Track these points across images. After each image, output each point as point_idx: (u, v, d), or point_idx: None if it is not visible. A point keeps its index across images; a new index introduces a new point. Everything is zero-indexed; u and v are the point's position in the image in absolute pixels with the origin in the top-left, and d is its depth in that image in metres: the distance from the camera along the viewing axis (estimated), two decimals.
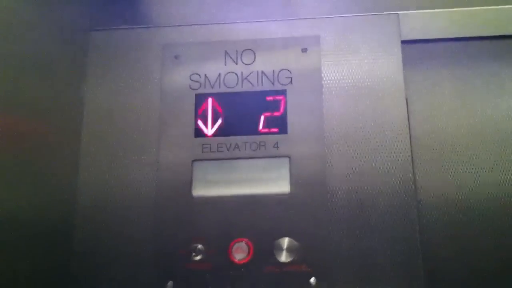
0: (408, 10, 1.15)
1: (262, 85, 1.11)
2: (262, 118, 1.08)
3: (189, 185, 1.06)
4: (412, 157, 1.04)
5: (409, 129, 1.06)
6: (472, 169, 1.06)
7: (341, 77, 1.10)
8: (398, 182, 1.03)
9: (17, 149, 0.91)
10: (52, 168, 1.02)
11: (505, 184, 1.05)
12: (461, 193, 1.05)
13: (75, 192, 1.08)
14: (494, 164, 1.06)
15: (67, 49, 1.10)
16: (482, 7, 1.15)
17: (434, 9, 1.15)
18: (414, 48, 1.14)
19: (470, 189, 1.05)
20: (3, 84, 0.87)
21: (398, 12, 1.14)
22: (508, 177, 1.05)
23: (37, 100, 0.97)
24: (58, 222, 1.03)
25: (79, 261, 1.04)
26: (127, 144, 1.10)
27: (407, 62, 1.11)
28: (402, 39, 1.12)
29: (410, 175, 1.03)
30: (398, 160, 1.04)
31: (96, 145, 1.11)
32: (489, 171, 1.06)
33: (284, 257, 0.99)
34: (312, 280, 0.98)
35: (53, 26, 1.04)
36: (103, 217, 1.06)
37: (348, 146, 1.06)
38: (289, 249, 1.00)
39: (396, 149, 1.04)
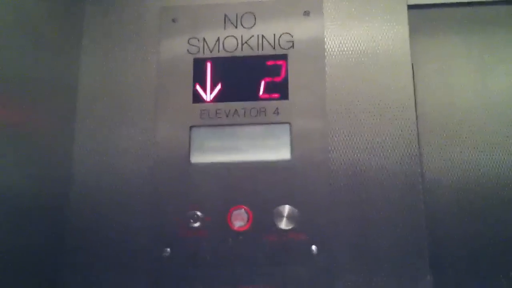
0: None
1: (262, 49, 1.07)
2: (262, 83, 1.05)
3: (187, 151, 1.03)
4: (417, 129, 1.01)
5: (415, 99, 1.02)
6: (480, 144, 1.03)
7: (345, 43, 1.07)
8: (403, 154, 1.00)
9: (11, 120, 0.88)
10: (47, 138, 0.99)
11: None
12: (467, 170, 1.02)
13: (71, 162, 1.05)
14: (505, 140, 1.03)
15: (62, 13, 1.06)
16: None
17: None
18: (422, 13, 1.09)
19: (479, 167, 1.02)
20: None
21: None
22: None
23: (29, 68, 0.93)
24: (54, 192, 1.01)
25: (76, 230, 1.03)
26: (124, 110, 1.07)
27: (414, 28, 1.07)
28: (409, 3, 1.08)
29: (416, 148, 0.99)
30: (403, 131, 1.01)
31: (91, 111, 1.08)
32: (501, 149, 1.02)
33: (284, 225, 0.97)
34: (314, 248, 0.96)
35: None
36: (99, 185, 1.04)
37: (350, 115, 1.03)
38: (289, 217, 0.97)
39: (401, 119, 1.01)
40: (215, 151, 1.03)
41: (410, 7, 1.08)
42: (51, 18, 1.02)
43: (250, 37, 1.08)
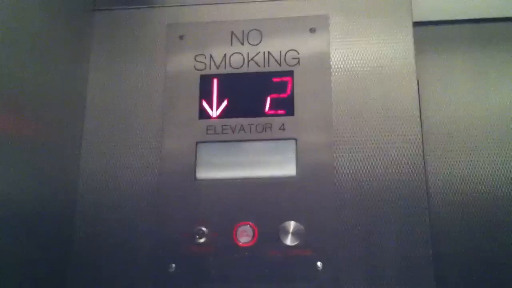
0: None
1: (268, 66, 1.08)
2: (268, 99, 1.06)
3: (193, 167, 1.03)
4: (422, 143, 1.01)
5: (420, 114, 1.02)
6: (485, 157, 1.03)
7: (350, 59, 1.07)
8: (408, 168, 1.00)
9: (19, 133, 0.89)
10: (54, 151, 1.00)
11: None
12: (472, 183, 1.02)
13: (78, 175, 1.06)
14: (509, 153, 1.03)
15: (70, 29, 1.08)
16: None
17: None
18: (427, 30, 1.10)
19: (482, 180, 1.02)
20: (3, 66, 0.85)
21: None
22: None
23: (39, 82, 0.95)
24: (60, 206, 1.01)
25: (82, 245, 1.03)
26: (131, 126, 1.08)
27: (419, 44, 1.07)
28: (414, 20, 1.08)
29: (421, 163, 0.99)
30: (408, 146, 1.01)
31: (99, 127, 1.09)
32: (503, 161, 1.02)
33: (289, 241, 0.97)
34: (319, 264, 0.96)
35: (55, 6, 1.02)
36: (106, 200, 1.05)
37: (356, 130, 1.03)
38: (295, 233, 0.97)
39: (406, 135, 1.01)
40: (221, 167, 1.04)
41: (416, 24, 1.08)
42: (60, 35, 1.03)
43: (257, 54, 1.09)
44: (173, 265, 0.99)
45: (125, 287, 1.01)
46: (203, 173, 1.04)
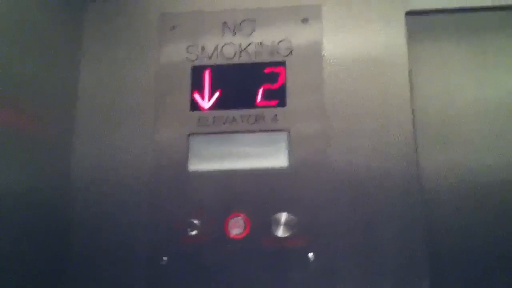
0: None
1: (261, 56, 1.07)
2: (260, 90, 1.05)
3: (185, 159, 1.03)
4: (415, 133, 1.00)
5: (412, 104, 1.02)
6: (478, 147, 1.02)
7: (343, 49, 1.07)
8: (400, 159, 0.99)
9: (11, 123, 0.88)
10: (46, 142, 0.99)
11: None
12: (465, 172, 1.01)
13: (70, 168, 1.05)
14: (502, 144, 1.02)
15: (61, 19, 1.07)
16: None
17: None
18: (419, 20, 1.09)
19: (475, 170, 1.01)
20: None
21: None
22: None
23: (30, 73, 0.94)
24: (53, 199, 1.01)
25: (75, 238, 1.03)
26: (123, 117, 1.07)
27: (412, 34, 1.07)
28: (407, 10, 1.08)
29: (413, 152, 0.99)
30: (401, 135, 1.00)
31: (91, 118, 1.08)
32: (497, 152, 1.02)
33: (281, 232, 0.97)
34: (311, 255, 0.96)
35: None
36: (98, 192, 1.04)
37: (348, 120, 1.02)
38: (287, 224, 0.97)
39: (398, 124, 1.01)
40: (213, 158, 1.03)
41: (408, 13, 1.07)
42: (52, 25, 1.02)
43: (249, 44, 1.08)
44: (165, 258, 0.99)
45: (118, 279, 1.00)
46: (195, 165, 1.03)
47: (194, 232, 0.99)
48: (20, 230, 0.89)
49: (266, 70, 1.06)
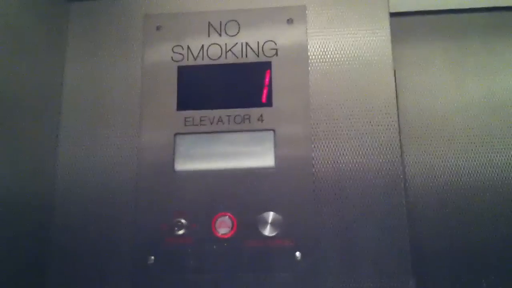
0: None
1: (246, 57, 1.08)
2: (246, 90, 1.06)
3: (171, 159, 1.03)
4: (400, 134, 1.02)
5: (397, 105, 1.03)
6: (462, 148, 1.04)
7: (328, 50, 1.08)
8: (385, 159, 1.01)
9: None
10: (31, 144, 0.99)
11: (498, 166, 1.03)
12: (449, 173, 1.03)
13: (55, 167, 1.05)
14: (486, 144, 1.04)
15: (45, 21, 1.06)
16: None
17: None
18: (404, 21, 1.11)
19: (460, 169, 1.03)
20: None
21: None
22: (500, 158, 1.03)
23: (14, 74, 0.93)
24: (38, 200, 1.01)
25: (60, 237, 1.02)
26: (108, 117, 1.07)
27: (396, 35, 1.08)
28: (391, 11, 1.09)
29: (398, 153, 1.00)
30: (386, 136, 1.02)
31: (76, 119, 1.08)
32: (480, 151, 1.03)
33: (268, 232, 0.97)
34: (297, 254, 0.96)
35: None
36: (83, 192, 1.04)
37: (334, 120, 1.03)
38: (273, 224, 0.98)
39: (383, 125, 1.02)
40: (200, 158, 1.03)
41: (392, 14, 1.09)
42: (35, 26, 1.02)
43: (234, 45, 1.09)
44: (152, 257, 0.99)
45: (105, 279, 1.00)
46: (181, 165, 1.03)
47: (181, 232, 0.99)
48: (1, 231, 0.89)
49: (252, 71, 1.06)
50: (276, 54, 1.07)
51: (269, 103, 1.04)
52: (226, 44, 1.09)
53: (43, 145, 1.03)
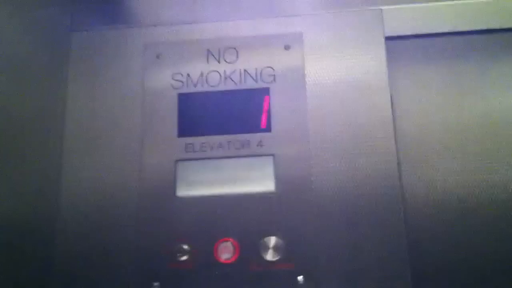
0: (392, 5, 1.14)
1: (245, 83, 1.10)
2: (245, 116, 1.07)
3: (173, 185, 1.04)
4: (397, 156, 1.03)
5: (395, 127, 1.05)
6: (460, 168, 1.05)
7: (325, 75, 1.10)
8: (384, 181, 1.02)
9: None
10: (34, 170, 1.00)
11: (494, 184, 1.04)
12: (447, 193, 1.04)
13: (58, 193, 1.06)
14: (482, 164, 1.05)
15: (47, 51, 1.09)
16: (468, 1, 1.14)
17: (418, 3, 1.14)
18: (399, 45, 1.13)
19: (457, 189, 1.04)
20: None
21: (382, 7, 1.13)
22: (497, 177, 1.04)
23: (17, 103, 0.95)
24: (40, 223, 1.02)
25: (62, 263, 1.03)
26: (110, 145, 1.09)
27: (392, 59, 1.10)
28: (386, 35, 1.11)
29: (396, 174, 1.02)
30: (383, 159, 1.03)
31: (78, 147, 1.09)
32: (477, 171, 1.05)
33: (270, 256, 0.98)
34: (300, 278, 0.97)
35: (31, 28, 1.02)
36: (86, 219, 1.05)
37: (332, 144, 1.05)
38: (275, 248, 0.99)
39: (381, 148, 1.04)
40: (201, 184, 1.05)
41: (388, 38, 1.11)
42: (37, 56, 1.04)
43: (233, 72, 1.11)
44: (156, 283, 1.00)
45: None
46: (183, 191, 1.05)
47: (184, 258, 1.00)
48: (4, 250, 0.90)
49: (251, 97, 1.08)
50: (274, 80, 1.09)
51: (268, 129, 1.06)
52: (224, 71, 1.11)
53: (47, 172, 1.05)
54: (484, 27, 1.12)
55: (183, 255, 1.00)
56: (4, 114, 0.91)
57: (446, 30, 1.13)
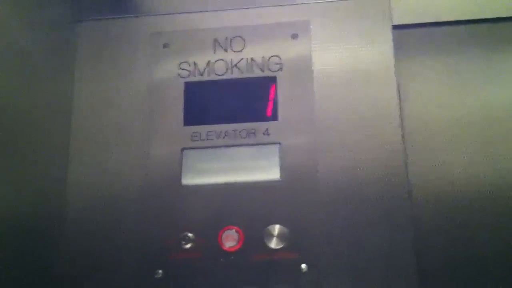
0: None
1: (252, 72, 1.09)
2: (252, 105, 1.07)
3: (178, 173, 1.04)
4: (404, 145, 1.02)
5: (401, 117, 1.04)
6: (466, 158, 1.04)
7: (332, 64, 1.09)
8: (390, 171, 1.01)
9: (5, 143, 0.90)
10: (41, 163, 1.01)
11: (498, 176, 1.03)
12: (453, 183, 1.03)
13: (65, 183, 1.07)
14: (488, 155, 1.04)
15: (51, 42, 1.09)
16: None
17: None
18: (406, 33, 1.12)
19: (463, 180, 1.03)
20: None
21: None
22: (503, 168, 1.03)
23: (23, 96, 0.96)
24: (47, 215, 1.02)
25: (68, 251, 1.03)
26: (116, 134, 1.09)
27: (399, 48, 1.09)
28: (393, 24, 1.10)
29: (402, 164, 1.01)
30: (390, 148, 1.02)
31: (85, 137, 1.10)
32: (484, 162, 1.03)
33: (274, 244, 0.98)
34: (303, 266, 0.97)
35: (34, 19, 1.03)
36: (92, 208, 1.05)
37: (339, 133, 1.04)
38: (280, 236, 0.98)
39: (387, 137, 1.03)
40: (206, 172, 1.05)
41: (395, 27, 1.10)
42: (42, 48, 1.04)
43: (240, 60, 1.11)
44: (160, 271, 1.00)
45: None
46: (188, 179, 1.05)
47: (188, 246, 1.00)
48: (10, 247, 0.90)
49: (257, 85, 1.08)
50: (281, 69, 1.09)
51: (274, 117, 1.06)
52: (231, 59, 1.11)
53: (53, 163, 1.05)
54: (493, 15, 1.10)
55: (188, 243, 1.00)
56: (8, 109, 0.91)
57: (454, 18, 1.11)
